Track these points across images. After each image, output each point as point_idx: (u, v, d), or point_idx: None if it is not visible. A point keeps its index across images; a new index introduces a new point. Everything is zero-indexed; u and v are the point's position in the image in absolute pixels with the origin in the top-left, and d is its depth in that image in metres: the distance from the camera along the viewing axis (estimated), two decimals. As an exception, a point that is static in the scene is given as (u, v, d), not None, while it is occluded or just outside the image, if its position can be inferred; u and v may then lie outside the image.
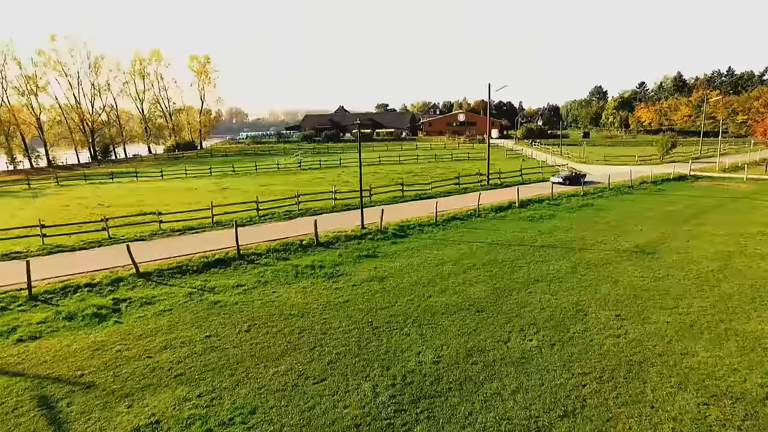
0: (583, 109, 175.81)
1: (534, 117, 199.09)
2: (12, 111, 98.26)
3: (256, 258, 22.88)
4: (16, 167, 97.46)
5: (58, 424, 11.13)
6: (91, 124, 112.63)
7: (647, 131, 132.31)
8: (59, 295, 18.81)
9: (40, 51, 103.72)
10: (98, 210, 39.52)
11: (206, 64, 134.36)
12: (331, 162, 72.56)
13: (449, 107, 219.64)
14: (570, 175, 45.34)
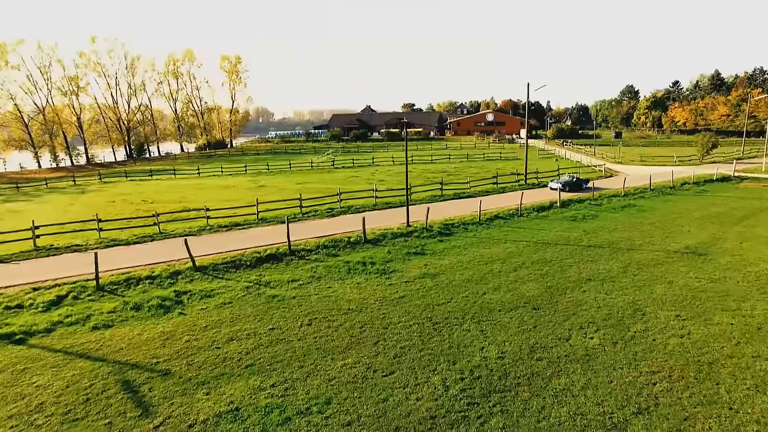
0: (614, 109, 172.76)
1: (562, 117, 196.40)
2: (56, 111, 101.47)
3: (306, 254, 23.29)
4: (58, 165, 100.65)
5: (145, 407, 11.61)
6: (127, 123, 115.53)
7: (681, 131, 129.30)
8: (123, 287, 19.50)
9: (81, 53, 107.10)
10: (143, 206, 40.64)
11: (237, 64, 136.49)
12: (363, 161, 72.97)
13: (476, 107, 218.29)
14: (570, 181, 41.41)
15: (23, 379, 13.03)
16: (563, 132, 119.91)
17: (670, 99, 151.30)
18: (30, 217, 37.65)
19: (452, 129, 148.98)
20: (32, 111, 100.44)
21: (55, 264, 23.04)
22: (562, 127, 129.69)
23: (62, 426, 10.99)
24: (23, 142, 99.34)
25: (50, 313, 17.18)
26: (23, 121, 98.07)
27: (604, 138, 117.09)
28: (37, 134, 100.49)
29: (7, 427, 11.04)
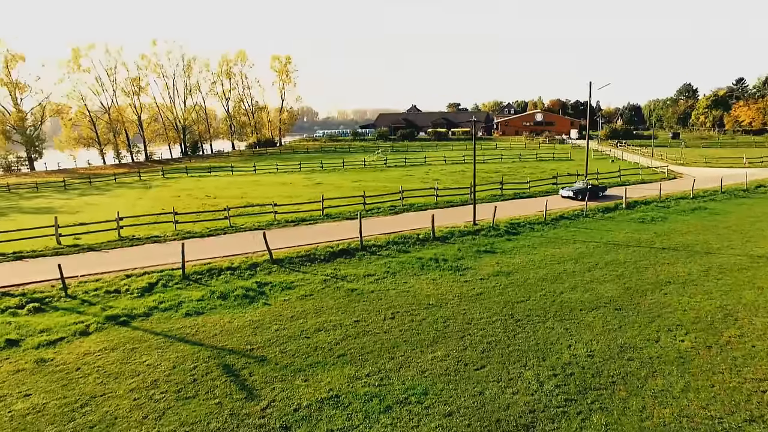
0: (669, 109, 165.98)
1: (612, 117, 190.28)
2: (119, 111, 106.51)
3: (377, 249, 23.66)
4: (120, 161, 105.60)
5: (248, 390, 12.16)
6: (182, 122, 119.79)
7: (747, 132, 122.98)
8: (206, 276, 20.37)
9: (142, 55, 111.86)
10: (207, 201, 42.18)
11: (287, 63, 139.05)
12: (415, 160, 73.16)
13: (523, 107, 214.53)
14: (584, 188, 37.07)
15: (134, 358, 13.88)
16: (617, 132, 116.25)
17: (734, 98, 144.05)
18: (105, 209, 39.85)
19: (500, 129, 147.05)
20: (99, 110, 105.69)
21: (139, 253, 24.30)
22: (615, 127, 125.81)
23: (177, 402, 11.65)
24: (90, 140, 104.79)
25: (145, 298, 18.18)
26: (91, 120, 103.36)
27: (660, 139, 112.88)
28: (103, 132, 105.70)
29: (131, 399, 11.82)
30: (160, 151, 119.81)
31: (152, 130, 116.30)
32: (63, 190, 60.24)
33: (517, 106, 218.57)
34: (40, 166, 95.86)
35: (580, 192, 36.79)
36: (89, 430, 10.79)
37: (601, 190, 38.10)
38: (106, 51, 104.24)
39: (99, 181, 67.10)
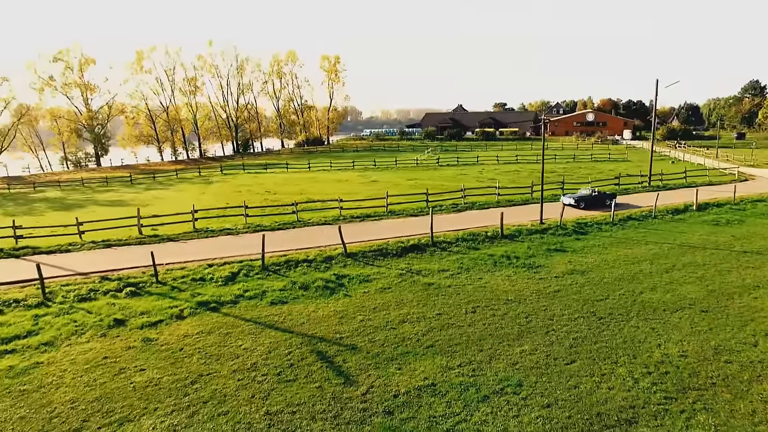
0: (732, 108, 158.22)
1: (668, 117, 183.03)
2: (177, 110, 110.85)
3: (447, 246, 23.85)
4: (177, 158, 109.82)
5: (345, 376, 12.60)
6: (235, 120, 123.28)
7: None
8: (284, 268, 21.09)
9: (199, 56, 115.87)
10: (267, 196, 43.37)
11: (336, 63, 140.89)
12: (467, 159, 72.83)
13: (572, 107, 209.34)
14: (588, 195, 33.55)
15: (230, 341, 14.61)
16: (674, 133, 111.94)
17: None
18: (172, 203, 41.64)
19: (549, 129, 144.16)
20: (158, 109, 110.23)
21: (215, 244, 25.37)
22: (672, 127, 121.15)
23: (279, 384, 12.22)
24: (150, 137, 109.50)
25: (229, 287, 19.01)
26: (151, 118, 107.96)
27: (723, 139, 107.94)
28: (161, 130, 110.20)
29: (235, 379, 12.48)
30: (213, 148, 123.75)
31: (206, 128, 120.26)
32: (129, 185, 63.23)
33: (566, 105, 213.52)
34: (106, 162, 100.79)
35: (583, 199, 33.22)
36: (203, 404, 11.48)
37: (609, 198, 33.63)
38: (166, 53, 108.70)
39: (161, 176, 70.08)
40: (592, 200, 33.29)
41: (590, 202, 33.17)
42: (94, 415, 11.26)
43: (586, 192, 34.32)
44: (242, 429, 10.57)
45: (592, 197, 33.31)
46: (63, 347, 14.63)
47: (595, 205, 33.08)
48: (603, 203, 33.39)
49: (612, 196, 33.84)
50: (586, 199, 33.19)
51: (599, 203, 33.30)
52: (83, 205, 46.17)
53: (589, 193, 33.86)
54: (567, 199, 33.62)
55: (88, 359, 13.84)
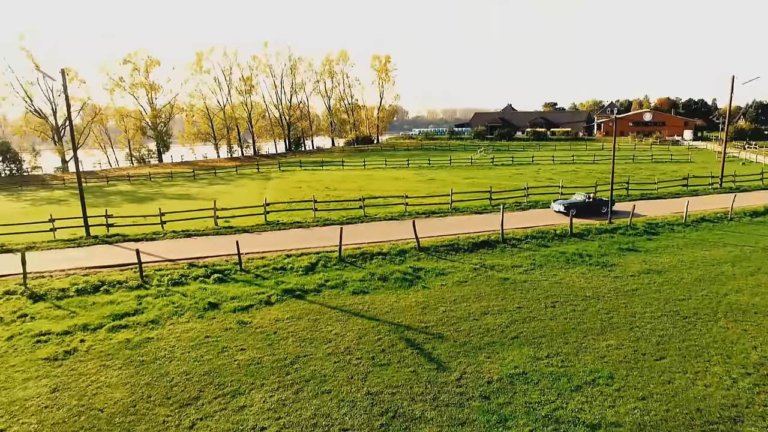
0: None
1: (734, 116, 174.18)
2: (233, 108, 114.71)
3: (516, 243, 23.99)
4: (232, 155, 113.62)
5: (437, 362, 13.09)
6: (288, 119, 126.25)
7: None
8: (360, 260, 21.80)
9: (254, 56, 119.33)
10: (329, 192, 44.43)
11: (386, 63, 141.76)
12: (522, 159, 72.05)
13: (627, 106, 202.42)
14: (580, 202, 30.38)
15: (320, 327, 15.37)
16: (743, 133, 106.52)
17: None
18: (236, 197, 43.35)
19: (603, 129, 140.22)
20: (215, 108, 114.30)
21: (288, 236, 26.43)
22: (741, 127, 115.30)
23: (374, 368, 12.83)
24: (207, 135, 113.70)
25: (310, 276, 19.87)
26: (209, 117, 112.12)
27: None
28: (218, 128, 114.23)
29: (332, 361, 13.19)
30: (266, 146, 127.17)
31: (260, 126, 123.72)
32: (192, 180, 66.09)
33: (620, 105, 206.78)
34: (166, 158, 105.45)
35: (575, 206, 29.74)
36: (305, 383, 12.22)
37: (605, 205, 30.08)
38: (224, 54, 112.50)
39: (221, 172, 72.79)
40: (585, 207, 29.92)
41: (583, 210, 29.85)
42: (207, 386, 12.19)
43: (579, 198, 31.14)
44: (347, 406, 11.22)
45: (586, 204, 30.09)
46: (167, 325, 15.79)
47: (588, 212, 29.73)
48: (598, 211, 29.94)
49: (608, 203, 29.99)
50: (578, 205, 29.92)
51: (594, 211, 29.85)
52: (154, 198, 48.77)
53: (583, 199, 30.70)
54: (557, 206, 30.70)
55: (192, 337, 14.90)
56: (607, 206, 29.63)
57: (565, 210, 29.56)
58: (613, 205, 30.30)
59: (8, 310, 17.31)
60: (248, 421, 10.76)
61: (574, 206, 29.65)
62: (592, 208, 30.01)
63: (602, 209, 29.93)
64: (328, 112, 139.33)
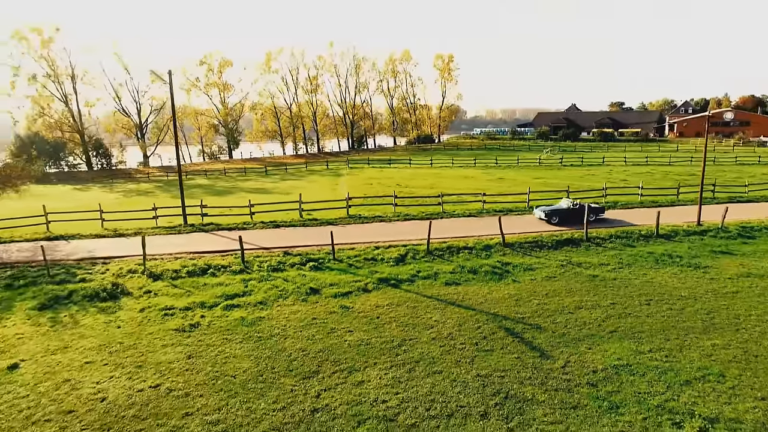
0: None
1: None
2: (299, 107, 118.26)
3: (601, 242, 23.88)
4: (297, 152, 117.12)
5: (539, 350, 13.54)
6: (351, 117, 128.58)
7: None
8: (447, 253, 22.45)
9: (319, 56, 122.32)
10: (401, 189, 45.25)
11: (449, 62, 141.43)
12: (591, 160, 70.23)
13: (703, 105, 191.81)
14: (562, 209, 27.79)
15: (420, 314, 16.15)
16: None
17: None
18: (309, 192, 44.94)
19: (676, 130, 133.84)
20: (282, 107, 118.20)
21: (371, 229, 27.45)
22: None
23: (479, 353, 13.45)
24: (274, 132, 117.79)
25: (400, 267, 20.71)
26: (276, 115, 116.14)
27: None
28: (284, 126, 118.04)
29: (437, 345, 13.93)
30: (330, 144, 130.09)
31: (324, 124, 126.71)
32: (264, 175, 68.89)
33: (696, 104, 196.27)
34: (236, 155, 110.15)
35: (557, 213, 27.55)
36: (415, 363, 13.01)
37: (594, 212, 27.85)
38: (292, 54, 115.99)
39: (291, 168, 75.45)
40: (569, 214, 27.33)
41: (566, 217, 27.43)
42: (324, 362, 13.22)
43: (564, 205, 28.46)
44: (459, 386, 11.90)
45: (570, 211, 27.50)
46: (275, 307, 17.06)
47: (572, 220, 27.15)
48: (580, 218, 26.87)
49: (598, 210, 28.43)
50: (561, 213, 27.62)
51: (579, 219, 26.95)
52: (232, 192, 51.36)
53: (568, 206, 28.04)
54: (539, 212, 28.54)
55: (300, 318, 16.06)
56: (595, 214, 28.14)
57: (546, 217, 27.89)
58: (602, 212, 28.82)
59: (135, 285, 19.22)
60: (369, 395, 11.66)
61: (557, 213, 27.74)
62: (577, 215, 27.38)
63: (590, 217, 26.97)
64: (391, 111, 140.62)
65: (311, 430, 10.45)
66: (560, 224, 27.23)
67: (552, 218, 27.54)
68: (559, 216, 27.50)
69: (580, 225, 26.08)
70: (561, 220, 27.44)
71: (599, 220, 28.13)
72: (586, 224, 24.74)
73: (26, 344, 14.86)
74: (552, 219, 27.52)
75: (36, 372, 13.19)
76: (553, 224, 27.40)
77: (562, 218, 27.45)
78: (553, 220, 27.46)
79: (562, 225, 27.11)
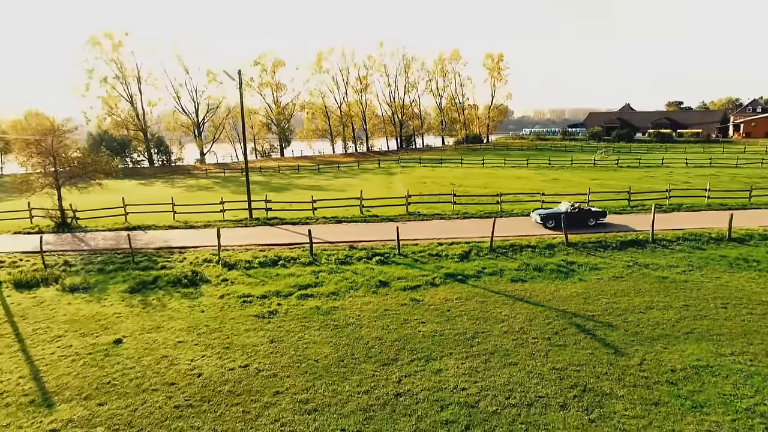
0: None
1: None
2: (349, 106, 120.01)
3: (668, 244, 23.43)
4: (346, 151, 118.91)
5: (613, 347, 13.62)
6: (400, 117, 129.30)
7: None
8: (510, 251, 22.63)
9: (369, 56, 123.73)
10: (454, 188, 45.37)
11: (499, 61, 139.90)
12: (650, 161, 68.08)
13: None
14: (559, 213, 26.51)
15: (489, 308, 16.49)
16: None
17: None
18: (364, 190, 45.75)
19: (743, 130, 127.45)
20: (332, 106, 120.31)
21: (431, 226, 27.93)
22: None
23: (552, 347, 13.67)
24: (324, 131, 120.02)
25: (465, 263, 21.07)
26: (326, 114, 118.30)
27: None
28: (334, 125, 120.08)
29: (510, 339, 14.25)
30: (378, 143, 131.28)
31: (373, 124, 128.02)
32: (317, 173, 70.47)
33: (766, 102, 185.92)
34: (287, 153, 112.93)
35: (552, 217, 26.64)
36: (490, 355, 13.37)
37: (594, 216, 27.23)
38: (342, 54, 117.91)
39: (343, 166, 76.82)
40: (566, 218, 25.04)
41: (559, 222, 25.79)
42: (401, 351, 13.77)
43: (563, 208, 27.36)
44: (536, 378, 12.19)
45: (567, 215, 25.81)
46: (346, 298, 17.77)
47: (569, 224, 25.09)
48: (583, 223, 26.72)
49: (599, 215, 27.58)
50: (557, 216, 26.30)
51: (577, 222, 26.25)
52: (288, 188, 52.93)
53: (567, 209, 26.88)
54: (535, 215, 27.78)
55: (373, 309, 16.69)
56: (596, 218, 27.38)
57: (541, 221, 27.12)
58: (604, 216, 27.90)
59: (212, 274, 20.42)
60: (448, 382, 12.12)
61: (552, 217, 26.82)
62: (575, 218, 26.33)
63: (589, 221, 27.06)
64: (439, 110, 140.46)
65: (396, 412, 11.00)
66: (556, 228, 26.33)
67: (548, 222, 26.89)
68: (555, 220, 26.60)
69: (578, 229, 25.46)
70: (557, 224, 26.26)
71: (600, 225, 27.28)
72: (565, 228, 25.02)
73: (124, 322, 16.15)
74: (548, 223, 26.88)
75: (137, 347, 14.36)
76: (549, 228, 26.78)
77: (558, 222, 26.23)
78: (549, 224, 26.80)
79: (557, 229, 26.08)
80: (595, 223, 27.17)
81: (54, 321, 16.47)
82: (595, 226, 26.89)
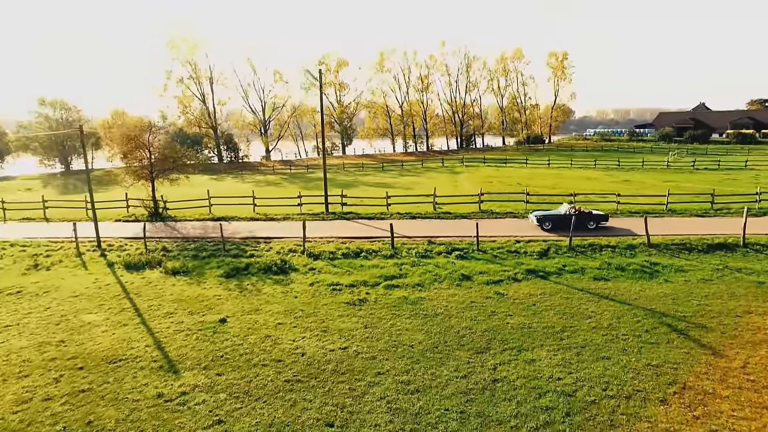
0: None
1: None
2: (410, 105, 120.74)
3: (762, 249, 22.51)
4: (407, 150, 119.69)
5: (711, 348, 13.49)
6: (461, 117, 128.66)
7: None
8: (589, 250, 22.50)
9: (431, 56, 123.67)
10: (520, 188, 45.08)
11: (563, 60, 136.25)
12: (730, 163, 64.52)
13: None
14: (558, 215, 26.28)
15: (574, 304, 16.65)
16: None
17: None
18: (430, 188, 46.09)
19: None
20: (393, 105, 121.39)
21: (505, 224, 28.08)
22: None
23: (645, 344, 13.72)
24: (385, 130, 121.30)
25: (545, 260, 21.18)
26: (387, 113, 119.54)
27: None
28: (395, 124, 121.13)
29: (599, 334, 14.36)
30: (438, 142, 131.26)
31: (433, 123, 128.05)
32: (381, 171, 71.54)
33: None
34: (349, 151, 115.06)
35: (551, 218, 26.23)
36: (581, 348, 13.58)
37: (594, 220, 26.34)
38: (404, 54, 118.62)
39: (407, 165, 77.59)
40: (563, 220, 25.37)
41: (560, 223, 25.79)
42: (492, 341, 14.21)
43: (562, 210, 26.82)
44: (631, 372, 12.32)
45: (565, 217, 25.50)
46: (431, 289, 18.36)
47: (567, 226, 24.21)
48: (582, 226, 25.64)
49: (600, 218, 26.50)
50: (553, 218, 26.21)
51: (576, 225, 24.24)
52: (354, 185, 54.11)
53: (566, 212, 26.31)
54: (532, 217, 27.17)
55: (458, 301, 17.20)
56: (596, 221, 26.42)
57: (539, 222, 26.55)
58: (605, 220, 26.74)
59: (299, 263, 21.58)
60: (543, 371, 12.47)
61: (551, 218, 26.33)
62: (575, 221, 24.25)
63: (589, 224, 26.21)
64: (501, 110, 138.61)
65: (496, 396, 11.48)
66: (553, 230, 26.15)
67: (544, 224, 26.52)
68: (552, 222, 26.38)
69: (576, 232, 24.36)
70: (554, 226, 26.22)
71: (601, 228, 26.43)
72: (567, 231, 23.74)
73: (225, 304, 17.47)
74: (544, 225, 26.51)
75: (241, 327, 15.56)
76: (545, 230, 26.38)
77: (555, 224, 26.20)
78: (546, 226, 26.44)
79: (554, 231, 25.94)
80: (596, 226, 26.47)
81: (163, 299, 18.04)
82: (596, 229, 26.25)
